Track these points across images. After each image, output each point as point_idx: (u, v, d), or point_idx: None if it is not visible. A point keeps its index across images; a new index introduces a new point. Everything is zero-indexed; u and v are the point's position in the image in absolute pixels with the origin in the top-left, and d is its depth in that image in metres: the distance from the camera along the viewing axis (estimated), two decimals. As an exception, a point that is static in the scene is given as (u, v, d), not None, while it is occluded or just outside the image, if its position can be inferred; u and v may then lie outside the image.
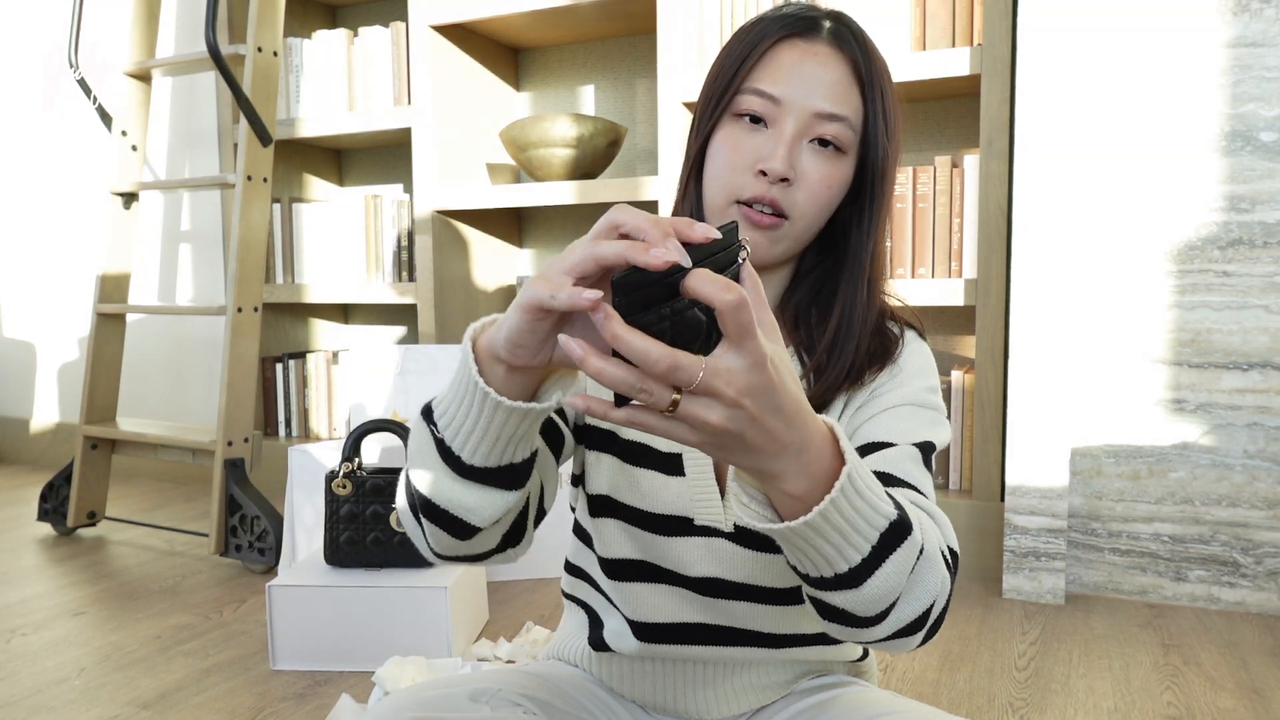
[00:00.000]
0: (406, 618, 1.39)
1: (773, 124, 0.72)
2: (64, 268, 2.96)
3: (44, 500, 2.18)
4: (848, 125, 0.72)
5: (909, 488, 0.68)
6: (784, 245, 0.74)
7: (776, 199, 0.71)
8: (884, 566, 0.55)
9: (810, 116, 0.71)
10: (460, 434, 0.59)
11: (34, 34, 2.93)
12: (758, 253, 0.73)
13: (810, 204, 0.72)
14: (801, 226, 0.73)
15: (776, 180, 0.71)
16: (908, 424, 0.72)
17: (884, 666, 1.40)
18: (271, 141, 1.97)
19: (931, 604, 0.59)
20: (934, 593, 0.59)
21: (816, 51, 0.72)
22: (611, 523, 0.80)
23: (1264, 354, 1.58)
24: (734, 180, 0.72)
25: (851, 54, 0.73)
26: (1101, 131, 1.66)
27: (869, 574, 0.55)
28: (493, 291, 2.43)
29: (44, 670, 1.42)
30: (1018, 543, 1.68)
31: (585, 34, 2.28)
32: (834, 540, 0.53)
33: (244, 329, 1.94)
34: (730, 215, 0.73)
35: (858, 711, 0.75)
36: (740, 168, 0.72)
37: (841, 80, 0.72)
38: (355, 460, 1.48)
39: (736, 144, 0.72)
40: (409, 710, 0.72)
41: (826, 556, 0.54)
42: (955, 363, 2.03)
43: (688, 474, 0.76)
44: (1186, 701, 1.28)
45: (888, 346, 0.77)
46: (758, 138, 0.72)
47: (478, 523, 0.62)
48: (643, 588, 0.79)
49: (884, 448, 0.70)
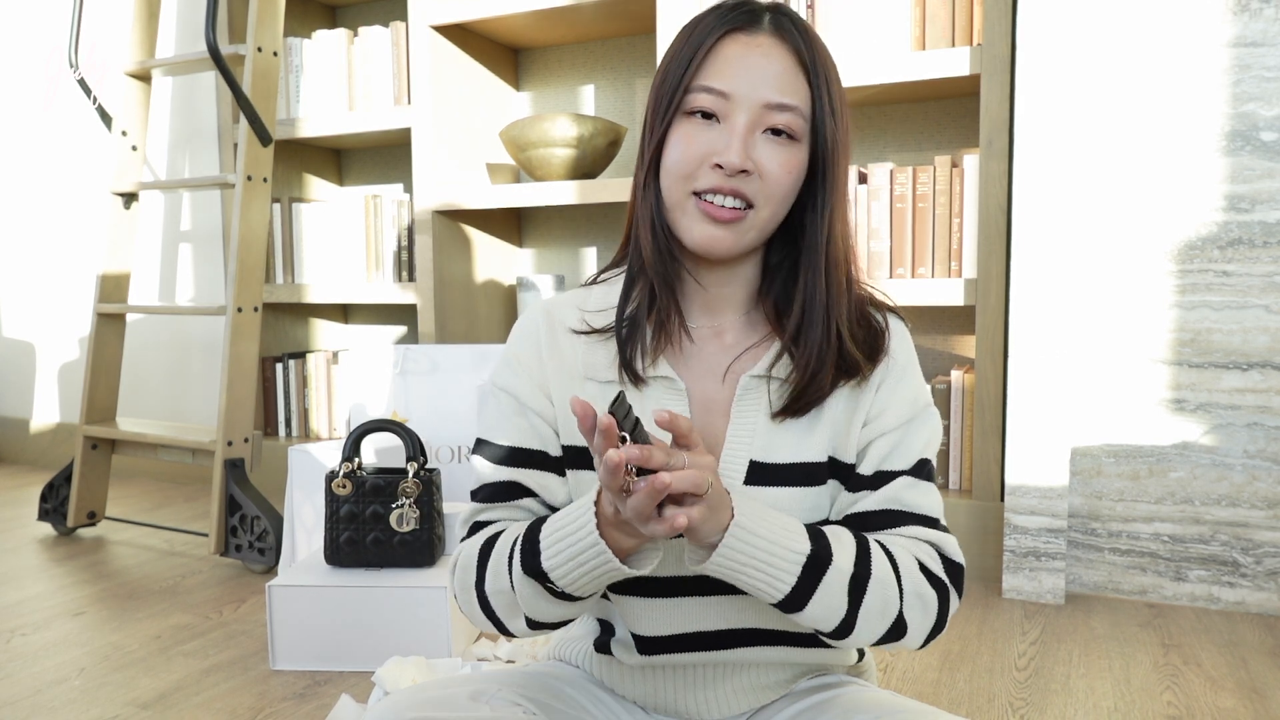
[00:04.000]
0: (406, 618, 1.39)
1: (724, 119, 0.73)
2: (64, 268, 2.96)
3: (44, 500, 2.18)
4: (797, 113, 0.73)
5: (915, 517, 0.76)
6: (751, 235, 0.75)
7: (738, 187, 0.72)
8: (816, 593, 0.69)
9: (760, 108, 0.72)
10: (573, 585, 0.70)
11: (34, 34, 2.93)
12: (721, 246, 0.74)
13: (772, 190, 0.73)
14: (766, 214, 0.74)
15: (734, 173, 0.72)
16: (912, 441, 0.77)
17: (884, 667, 1.40)
18: (271, 141, 1.97)
19: (899, 618, 0.72)
20: (898, 607, 0.71)
21: (760, 43, 0.73)
22: None
23: (1264, 354, 1.58)
24: (691, 174, 0.73)
25: (794, 43, 0.74)
26: (1101, 131, 1.66)
27: (805, 600, 0.69)
28: (493, 291, 2.43)
29: (44, 670, 1.42)
30: (1018, 542, 1.68)
31: (585, 34, 2.28)
32: (753, 575, 0.68)
33: (244, 329, 1.94)
34: (688, 209, 0.74)
35: (858, 711, 0.75)
36: (695, 163, 0.73)
37: (787, 70, 0.73)
38: (355, 460, 1.48)
39: (690, 140, 0.73)
40: (409, 710, 0.72)
41: (759, 586, 0.68)
42: (955, 363, 2.03)
43: None
44: (1186, 701, 1.28)
45: (876, 336, 0.78)
46: (711, 132, 0.73)
47: (578, 615, 0.76)
48: (647, 602, 0.79)
49: (894, 477, 0.77)
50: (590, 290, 0.84)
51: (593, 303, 0.82)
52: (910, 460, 0.77)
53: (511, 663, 1.40)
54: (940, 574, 0.74)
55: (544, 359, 0.81)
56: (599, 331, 0.79)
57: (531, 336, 0.82)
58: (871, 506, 0.77)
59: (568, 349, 0.81)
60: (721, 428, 0.79)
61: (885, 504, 0.76)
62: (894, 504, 0.76)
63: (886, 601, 0.71)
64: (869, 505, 0.77)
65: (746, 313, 0.81)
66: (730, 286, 0.80)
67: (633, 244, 0.80)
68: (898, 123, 2.04)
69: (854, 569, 0.70)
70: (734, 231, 0.74)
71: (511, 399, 0.82)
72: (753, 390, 0.77)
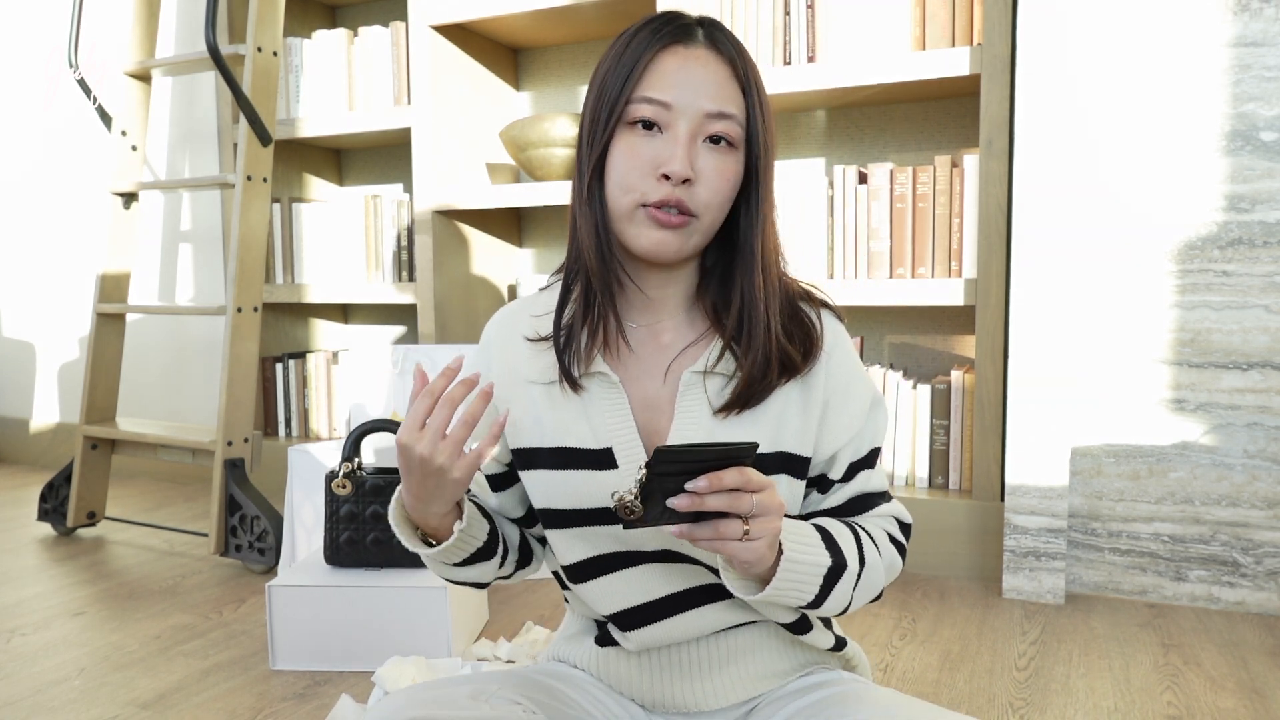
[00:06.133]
0: (406, 618, 1.39)
1: (667, 128, 0.76)
2: (64, 268, 2.96)
3: (44, 500, 2.18)
4: (735, 121, 0.77)
5: (877, 497, 0.86)
6: (695, 239, 0.78)
7: (682, 199, 0.75)
8: (833, 593, 0.77)
9: (701, 116, 0.75)
10: (431, 561, 0.83)
11: (34, 34, 2.93)
12: (668, 250, 0.77)
13: (713, 198, 0.77)
14: (708, 220, 0.78)
15: (679, 181, 0.75)
16: (867, 436, 0.85)
17: (884, 666, 1.40)
18: (271, 141, 1.97)
19: (882, 589, 0.83)
20: (883, 583, 0.82)
21: (697, 55, 0.76)
22: (562, 532, 0.83)
23: (1264, 354, 1.58)
24: (638, 185, 0.76)
25: (729, 55, 0.78)
26: (1101, 131, 1.66)
27: (822, 600, 0.77)
28: (493, 291, 2.43)
29: (44, 670, 1.42)
30: (1018, 543, 1.68)
31: (585, 34, 2.28)
32: (791, 593, 0.74)
33: (244, 329, 1.94)
34: (638, 220, 0.77)
35: (858, 708, 0.76)
36: (642, 173, 0.76)
37: (724, 81, 0.77)
38: (355, 460, 1.48)
39: (635, 151, 0.76)
40: (409, 710, 0.72)
41: (790, 600, 0.75)
42: (955, 363, 2.03)
43: (620, 465, 0.80)
44: (1186, 701, 1.28)
45: (808, 330, 0.82)
46: (655, 142, 0.76)
47: (484, 581, 0.88)
48: (605, 581, 0.83)
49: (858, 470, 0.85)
50: (538, 296, 0.88)
51: (539, 307, 0.86)
52: (866, 450, 0.85)
53: (511, 663, 1.40)
54: (901, 539, 0.86)
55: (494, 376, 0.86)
56: (543, 340, 0.83)
57: (482, 359, 0.88)
58: (843, 499, 0.85)
59: (517, 355, 0.85)
60: (664, 425, 0.81)
61: (854, 493, 0.85)
62: (861, 491, 0.85)
63: (873, 584, 0.80)
64: (841, 499, 0.85)
65: (685, 311, 0.84)
66: (670, 288, 0.83)
67: (572, 250, 0.83)
68: (898, 123, 2.04)
69: (859, 567, 0.78)
70: (680, 235, 0.76)
71: None
72: (695, 386, 0.80)
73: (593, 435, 0.80)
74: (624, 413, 0.80)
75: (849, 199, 1.87)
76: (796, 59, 1.88)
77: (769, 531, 0.68)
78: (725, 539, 0.66)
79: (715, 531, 0.66)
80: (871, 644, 1.48)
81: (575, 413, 0.81)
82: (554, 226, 2.46)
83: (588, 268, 0.80)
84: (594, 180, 0.79)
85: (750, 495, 0.66)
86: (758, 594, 0.74)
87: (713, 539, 0.66)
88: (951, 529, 1.78)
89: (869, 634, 1.53)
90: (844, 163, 2.10)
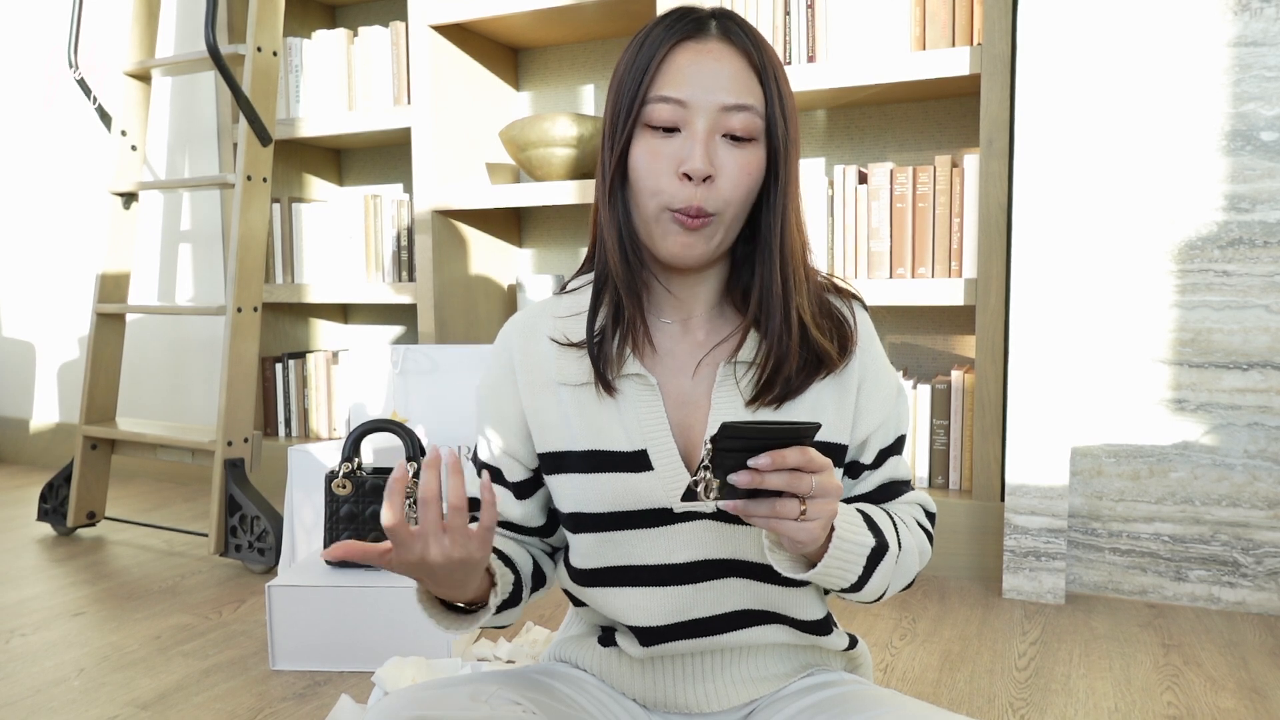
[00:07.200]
0: (406, 618, 1.39)
1: (685, 126, 0.75)
2: (64, 268, 2.96)
3: (44, 500, 2.18)
4: (754, 113, 0.75)
5: (904, 485, 0.88)
6: (720, 236, 0.77)
7: (702, 205, 0.75)
8: (874, 575, 0.76)
9: (718, 111, 0.75)
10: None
11: (34, 34, 2.93)
12: (693, 254, 0.76)
13: (733, 192, 0.76)
14: (731, 215, 0.77)
15: (701, 179, 0.74)
16: (894, 423, 0.86)
17: (884, 667, 1.40)
18: (271, 141, 1.97)
19: (914, 577, 0.83)
20: (917, 569, 0.83)
21: (710, 49, 0.76)
22: (588, 536, 0.82)
23: (1264, 354, 1.58)
24: (662, 188, 0.75)
25: (743, 46, 0.76)
26: (1101, 131, 1.66)
27: (865, 582, 0.76)
28: (492, 291, 2.43)
29: (43, 670, 1.42)
30: (1018, 543, 1.68)
31: (585, 34, 2.28)
32: (837, 572, 0.73)
33: (244, 329, 1.94)
34: (664, 223, 0.76)
35: (860, 708, 0.76)
36: (664, 173, 0.75)
37: (739, 72, 0.75)
38: (355, 460, 1.48)
39: (655, 152, 0.76)
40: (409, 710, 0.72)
41: (835, 582, 0.74)
42: (955, 363, 2.03)
43: (655, 468, 0.79)
44: (1187, 702, 1.28)
45: (841, 325, 0.82)
46: (674, 141, 0.75)
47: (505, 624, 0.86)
48: (632, 593, 0.81)
49: (888, 457, 0.86)
50: (561, 298, 0.87)
51: (563, 309, 0.85)
52: (894, 437, 0.86)
53: (511, 663, 1.40)
54: (928, 526, 0.87)
55: (518, 383, 0.84)
56: (575, 346, 0.82)
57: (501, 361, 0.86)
58: (873, 485, 0.86)
59: (542, 356, 0.84)
60: (699, 421, 0.81)
61: (884, 479, 0.86)
62: (890, 478, 0.86)
63: (908, 568, 0.81)
64: (871, 485, 0.86)
65: (716, 306, 0.84)
66: (699, 287, 0.83)
67: (599, 254, 0.82)
68: (898, 122, 2.04)
69: (897, 549, 0.79)
70: (703, 237, 0.76)
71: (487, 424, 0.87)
72: (728, 379, 0.80)
73: (626, 438, 0.80)
74: (659, 414, 0.80)
75: (849, 199, 1.87)
76: (796, 59, 1.88)
77: (826, 513, 0.67)
78: (782, 518, 0.66)
79: (772, 510, 0.65)
80: (871, 644, 1.48)
81: (608, 415, 0.80)
82: (554, 226, 2.46)
83: (614, 272, 0.79)
84: (615, 182, 0.79)
85: (810, 476, 0.65)
86: (803, 573, 0.73)
87: (769, 517, 0.66)
88: (951, 529, 1.78)
89: (869, 634, 1.53)
90: (844, 163, 2.10)
